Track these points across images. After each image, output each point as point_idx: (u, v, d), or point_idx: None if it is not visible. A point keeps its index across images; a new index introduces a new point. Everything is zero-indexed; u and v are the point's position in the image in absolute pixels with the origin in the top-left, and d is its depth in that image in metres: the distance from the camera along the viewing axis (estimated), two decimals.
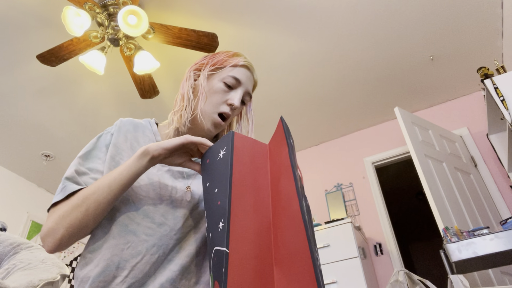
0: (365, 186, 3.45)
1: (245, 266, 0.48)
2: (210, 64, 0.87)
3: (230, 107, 0.83)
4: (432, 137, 2.90)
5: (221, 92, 0.84)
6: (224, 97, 0.84)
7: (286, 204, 0.54)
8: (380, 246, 3.09)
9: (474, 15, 2.61)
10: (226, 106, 0.83)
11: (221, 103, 0.83)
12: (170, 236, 0.71)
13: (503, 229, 1.81)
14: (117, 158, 0.78)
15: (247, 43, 2.73)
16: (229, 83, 0.84)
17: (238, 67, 0.86)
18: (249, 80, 0.87)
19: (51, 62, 2.37)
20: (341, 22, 2.62)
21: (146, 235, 0.70)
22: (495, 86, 2.22)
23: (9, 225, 3.52)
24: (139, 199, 0.73)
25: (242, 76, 0.85)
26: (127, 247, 0.68)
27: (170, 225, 0.72)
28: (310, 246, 0.46)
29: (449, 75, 3.17)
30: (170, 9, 2.45)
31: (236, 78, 0.84)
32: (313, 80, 3.12)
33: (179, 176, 0.80)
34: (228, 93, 0.84)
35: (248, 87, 0.87)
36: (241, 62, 0.86)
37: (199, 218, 0.76)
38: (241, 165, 0.57)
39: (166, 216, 0.72)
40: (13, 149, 3.60)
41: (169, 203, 0.74)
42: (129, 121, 0.86)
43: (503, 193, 2.85)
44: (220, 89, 0.84)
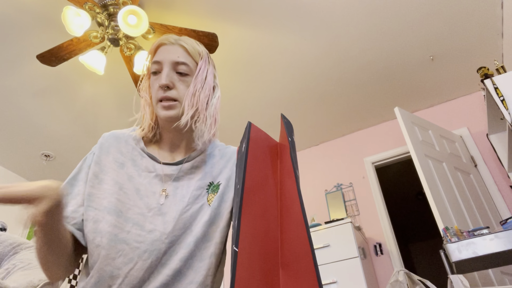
0: (365, 186, 3.45)
1: (253, 266, 0.48)
2: (147, 68, 0.89)
3: (162, 89, 0.79)
4: (432, 137, 2.90)
5: (153, 82, 0.82)
6: (156, 84, 0.81)
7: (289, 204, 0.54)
8: (380, 246, 3.09)
9: (474, 15, 2.61)
10: (160, 91, 0.80)
11: (156, 92, 0.81)
12: (161, 241, 0.71)
13: (503, 229, 1.81)
14: (101, 176, 0.78)
15: (247, 43, 2.73)
16: (154, 69, 0.82)
17: (156, 52, 0.84)
18: (169, 52, 0.82)
19: (51, 62, 2.37)
20: (341, 22, 2.62)
21: (137, 242, 0.70)
22: (495, 86, 2.22)
23: (9, 225, 3.52)
24: (127, 209, 0.74)
25: (160, 55, 0.82)
26: (119, 255, 0.69)
27: (160, 230, 0.72)
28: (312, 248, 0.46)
29: (449, 75, 3.17)
30: (170, 9, 2.45)
31: (155, 61, 0.82)
32: (313, 80, 3.12)
33: (168, 179, 0.80)
34: (158, 79, 0.82)
35: (172, 58, 0.81)
36: (155, 45, 0.84)
37: (191, 220, 0.76)
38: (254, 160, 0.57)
39: (155, 223, 0.73)
40: (13, 149, 3.60)
41: (157, 210, 0.75)
42: (111, 135, 0.87)
43: (503, 193, 2.85)
44: (152, 80, 0.83)
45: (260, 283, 0.48)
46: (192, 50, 0.84)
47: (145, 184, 0.78)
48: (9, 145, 3.54)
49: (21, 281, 1.33)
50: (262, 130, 0.65)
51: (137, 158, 0.82)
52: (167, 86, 0.78)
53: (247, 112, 3.42)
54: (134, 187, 0.77)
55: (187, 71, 0.82)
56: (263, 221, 0.53)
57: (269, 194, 0.57)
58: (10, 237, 1.62)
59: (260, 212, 0.54)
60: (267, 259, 0.50)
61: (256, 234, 0.51)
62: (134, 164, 0.81)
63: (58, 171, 3.96)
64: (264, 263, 0.49)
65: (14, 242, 1.59)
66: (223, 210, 0.80)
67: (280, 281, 0.49)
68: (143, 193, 0.76)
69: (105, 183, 0.77)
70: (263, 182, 0.58)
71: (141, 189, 0.77)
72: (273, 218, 0.55)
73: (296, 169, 0.56)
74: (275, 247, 0.52)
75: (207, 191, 0.81)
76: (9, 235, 1.63)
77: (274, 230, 0.54)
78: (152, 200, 0.76)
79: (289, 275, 0.48)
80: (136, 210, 0.74)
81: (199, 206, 0.78)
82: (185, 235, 0.74)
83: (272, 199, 0.57)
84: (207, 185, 0.81)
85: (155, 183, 0.78)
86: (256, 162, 0.58)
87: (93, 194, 0.76)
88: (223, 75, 3.01)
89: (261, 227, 0.53)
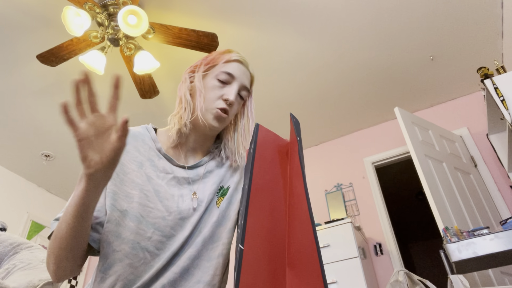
0: (365, 186, 3.45)
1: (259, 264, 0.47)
2: (203, 64, 0.88)
3: (225, 102, 0.83)
4: (432, 137, 2.90)
5: (216, 88, 0.84)
6: (219, 93, 0.84)
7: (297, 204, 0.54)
8: (380, 246, 3.09)
9: (474, 15, 2.61)
10: (222, 101, 0.83)
11: (216, 99, 0.83)
12: (177, 244, 0.73)
13: (503, 229, 1.81)
14: (121, 176, 0.76)
15: (248, 43, 2.72)
16: (223, 79, 0.85)
17: (231, 62, 0.87)
18: (243, 74, 0.87)
19: (51, 62, 2.37)
20: (341, 23, 2.62)
21: (157, 249, 0.72)
22: (495, 86, 2.22)
23: (9, 225, 3.52)
24: (148, 212, 0.74)
25: (235, 70, 0.86)
26: (141, 263, 0.70)
27: (179, 237, 0.74)
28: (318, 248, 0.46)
29: (449, 75, 3.17)
30: (170, 9, 2.45)
31: (228, 73, 0.85)
32: (313, 80, 3.12)
33: (185, 182, 0.81)
34: (223, 89, 0.85)
35: (243, 81, 0.87)
36: (233, 57, 0.87)
37: (206, 223, 0.78)
38: (262, 160, 0.58)
39: (175, 228, 0.74)
40: (13, 149, 3.60)
41: (177, 214, 0.76)
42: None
43: (503, 193, 2.85)
44: (215, 86, 0.85)
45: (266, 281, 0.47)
46: (253, 81, 0.93)
47: (164, 185, 0.78)
48: (9, 145, 3.54)
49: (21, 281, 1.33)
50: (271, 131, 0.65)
51: (154, 159, 0.82)
52: (232, 103, 0.83)
53: None
54: (153, 188, 0.77)
55: (245, 97, 0.89)
56: (270, 220, 0.53)
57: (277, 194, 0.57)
58: (10, 237, 1.62)
59: (267, 211, 0.54)
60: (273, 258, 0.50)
61: (263, 233, 0.51)
62: (152, 164, 0.81)
63: (58, 171, 3.96)
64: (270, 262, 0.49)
65: (14, 242, 1.59)
66: (231, 212, 0.82)
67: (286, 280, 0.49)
68: (163, 195, 0.77)
69: (126, 185, 0.76)
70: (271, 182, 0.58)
71: (160, 191, 0.77)
72: (281, 218, 0.55)
73: (303, 168, 0.56)
74: (282, 246, 0.52)
75: (217, 194, 0.82)
76: (9, 235, 1.63)
77: (281, 229, 0.54)
78: (172, 203, 0.76)
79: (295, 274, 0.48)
80: (157, 214, 0.74)
81: (210, 208, 0.80)
82: (194, 236, 0.76)
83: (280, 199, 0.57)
84: (218, 189, 0.83)
85: (172, 185, 0.79)
86: (264, 163, 0.58)
87: (117, 193, 0.74)
88: None
89: (268, 226, 0.53)
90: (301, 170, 0.55)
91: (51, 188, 4.24)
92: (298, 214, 0.53)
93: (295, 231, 0.52)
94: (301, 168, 0.55)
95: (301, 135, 0.63)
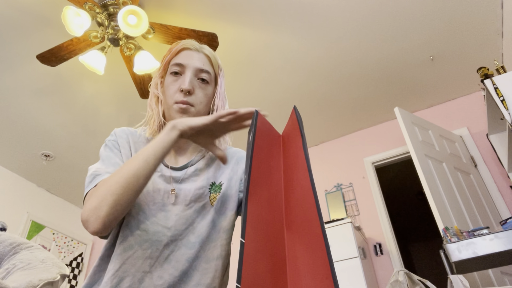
0: (365, 186, 3.45)
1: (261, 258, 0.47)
2: (161, 68, 0.89)
3: (183, 93, 0.81)
4: (432, 137, 2.90)
5: (171, 83, 0.84)
6: (175, 86, 0.83)
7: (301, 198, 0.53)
8: (380, 246, 3.09)
9: (474, 15, 2.61)
10: (179, 93, 0.82)
11: (174, 93, 0.82)
12: (163, 233, 0.73)
13: (503, 229, 1.81)
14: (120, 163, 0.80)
15: (247, 43, 2.73)
16: (174, 70, 0.84)
17: (179, 53, 0.86)
18: (194, 58, 0.85)
19: (51, 62, 2.37)
20: (341, 22, 2.62)
21: (140, 230, 0.72)
22: (495, 86, 2.22)
23: (9, 225, 3.52)
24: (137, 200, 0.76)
25: (184, 58, 0.84)
26: (121, 241, 0.71)
27: (162, 224, 0.74)
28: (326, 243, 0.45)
29: (449, 75, 3.17)
30: (170, 9, 2.45)
31: (177, 63, 0.84)
32: (313, 80, 3.12)
33: (172, 180, 0.82)
34: (177, 81, 0.84)
35: (197, 65, 0.84)
36: (179, 47, 0.86)
37: (194, 217, 0.77)
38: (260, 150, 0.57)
39: (158, 216, 0.75)
40: (13, 149, 3.60)
41: (161, 205, 0.76)
42: (124, 130, 0.88)
43: (503, 193, 2.85)
44: (170, 81, 0.84)
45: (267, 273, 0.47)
46: (214, 61, 0.89)
47: (152, 181, 0.79)
48: (9, 145, 3.54)
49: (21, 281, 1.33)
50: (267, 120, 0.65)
51: None
52: (188, 91, 0.81)
53: None
54: None
55: (208, 80, 0.86)
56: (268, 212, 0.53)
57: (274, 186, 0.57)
58: (10, 237, 1.62)
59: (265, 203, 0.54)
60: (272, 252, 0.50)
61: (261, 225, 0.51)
62: None
63: (58, 171, 3.96)
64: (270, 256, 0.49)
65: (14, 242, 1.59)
66: (227, 211, 0.81)
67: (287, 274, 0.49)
68: (150, 187, 0.78)
69: None
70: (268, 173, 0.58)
71: (148, 186, 0.78)
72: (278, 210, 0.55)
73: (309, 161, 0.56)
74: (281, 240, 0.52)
75: (209, 190, 0.82)
76: (9, 235, 1.63)
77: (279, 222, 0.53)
78: (157, 196, 0.77)
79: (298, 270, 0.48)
80: (143, 199, 0.76)
81: (202, 205, 0.79)
82: (188, 232, 0.75)
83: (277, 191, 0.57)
84: (209, 185, 0.82)
85: (160, 182, 0.80)
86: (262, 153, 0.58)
87: None
88: None
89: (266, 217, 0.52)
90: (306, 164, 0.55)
91: (51, 188, 4.24)
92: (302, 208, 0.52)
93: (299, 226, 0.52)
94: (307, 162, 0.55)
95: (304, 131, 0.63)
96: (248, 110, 0.67)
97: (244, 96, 3.24)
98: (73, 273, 4.14)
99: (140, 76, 2.55)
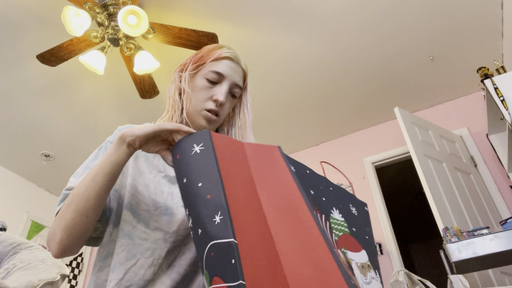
0: (365, 186, 3.45)
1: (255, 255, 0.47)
2: (192, 62, 0.85)
3: (215, 103, 0.80)
4: (432, 137, 2.90)
5: (205, 89, 0.81)
6: (209, 94, 0.80)
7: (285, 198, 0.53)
8: (380, 246, 3.09)
9: (474, 15, 2.61)
10: (211, 102, 0.80)
11: (206, 100, 0.80)
12: (165, 239, 0.70)
13: (503, 229, 1.81)
14: (125, 170, 0.78)
15: (247, 43, 2.72)
16: (212, 78, 0.81)
17: (220, 60, 0.82)
18: (233, 71, 0.83)
19: (51, 62, 2.37)
20: (341, 22, 2.62)
21: (140, 239, 0.70)
22: (495, 86, 2.22)
23: (9, 225, 3.52)
24: (136, 203, 0.74)
25: (225, 68, 0.82)
26: (121, 250, 0.69)
27: (164, 230, 0.71)
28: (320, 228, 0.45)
29: (449, 75, 3.17)
30: (170, 9, 2.45)
31: (217, 72, 0.81)
32: (313, 80, 3.12)
33: (176, 181, 0.80)
34: (213, 89, 0.81)
35: (234, 79, 0.82)
36: (223, 54, 0.83)
37: None
38: (224, 161, 0.56)
39: (160, 221, 0.72)
40: (13, 149, 3.60)
41: (164, 209, 0.74)
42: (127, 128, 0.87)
43: (503, 193, 2.85)
44: (204, 86, 0.81)
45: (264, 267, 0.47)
46: (246, 76, 0.88)
47: (154, 181, 0.77)
48: (9, 145, 3.54)
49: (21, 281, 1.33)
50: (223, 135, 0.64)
51: (149, 155, 0.81)
52: (222, 103, 0.80)
53: None
54: (143, 182, 0.76)
55: (237, 95, 0.85)
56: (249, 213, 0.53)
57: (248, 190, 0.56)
58: (10, 237, 1.62)
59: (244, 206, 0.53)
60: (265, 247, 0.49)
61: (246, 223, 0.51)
62: (147, 161, 0.80)
63: (58, 171, 3.96)
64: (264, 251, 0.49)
65: (14, 242, 1.59)
66: None
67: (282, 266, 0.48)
68: (152, 190, 0.75)
69: (123, 175, 0.77)
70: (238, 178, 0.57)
71: (150, 186, 0.76)
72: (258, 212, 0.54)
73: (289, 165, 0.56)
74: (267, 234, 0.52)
75: None
76: (9, 235, 1.63)
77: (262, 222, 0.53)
78: (160, 199, 0.75)
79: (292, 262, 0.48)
80: (143, 207, 0.73)
81: None
82: (191, 237, 0.73)
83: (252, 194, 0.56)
84: None
85: (164, 183, 0.77)
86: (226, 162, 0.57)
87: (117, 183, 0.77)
88: None
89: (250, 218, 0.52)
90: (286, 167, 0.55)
91: (51, 188, 4.24)
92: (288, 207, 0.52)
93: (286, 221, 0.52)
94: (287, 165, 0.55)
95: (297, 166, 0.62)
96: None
97: None
98: (73, 273, 4.14)
99: (140, 76, 2.55)
